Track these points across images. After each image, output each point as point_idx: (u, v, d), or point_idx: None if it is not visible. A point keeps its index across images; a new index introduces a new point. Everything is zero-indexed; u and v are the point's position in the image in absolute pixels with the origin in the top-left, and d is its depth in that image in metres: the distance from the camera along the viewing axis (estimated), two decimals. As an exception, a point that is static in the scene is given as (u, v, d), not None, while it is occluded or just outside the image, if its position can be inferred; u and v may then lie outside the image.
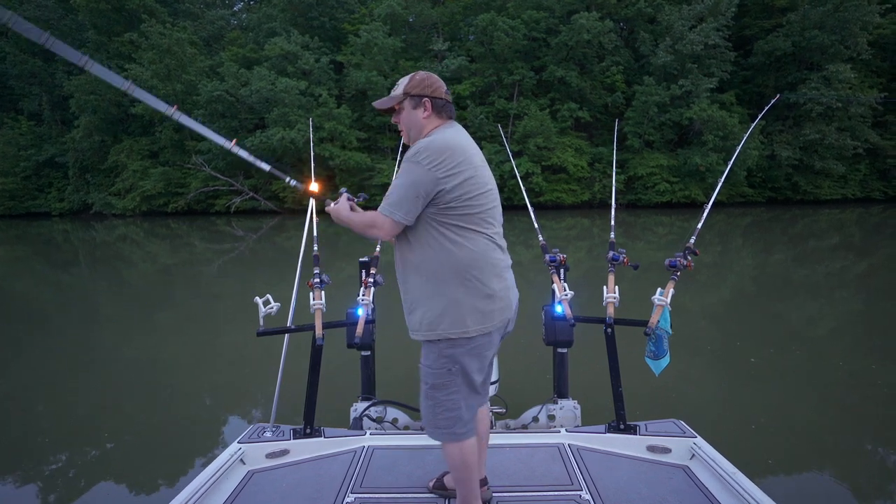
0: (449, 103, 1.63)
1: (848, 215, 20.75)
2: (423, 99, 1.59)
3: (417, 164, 1.46)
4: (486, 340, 1.54)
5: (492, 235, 1.56)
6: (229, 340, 5.64)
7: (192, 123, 1.68)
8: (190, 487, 1.74)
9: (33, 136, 34.54)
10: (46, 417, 3.81)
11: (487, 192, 1.55)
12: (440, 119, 1.62)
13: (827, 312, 6.46)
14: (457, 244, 1.50)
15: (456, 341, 1.51)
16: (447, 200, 1.47)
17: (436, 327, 1.51)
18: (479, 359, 1.56)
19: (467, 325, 1.50)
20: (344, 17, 31.41)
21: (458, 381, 1.54)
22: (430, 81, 1.61)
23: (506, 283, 1.60)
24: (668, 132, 26.58)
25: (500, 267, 1.58)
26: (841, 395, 3.88)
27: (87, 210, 32.70)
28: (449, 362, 1.53)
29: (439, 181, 1.45)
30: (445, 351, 1.52)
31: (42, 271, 12.12)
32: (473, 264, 1.51)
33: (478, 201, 1.51)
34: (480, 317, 1.51)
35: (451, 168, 1.46)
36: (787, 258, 10.75)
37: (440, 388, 1.55)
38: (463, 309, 1.49)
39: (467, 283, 1.50)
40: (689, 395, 3.87)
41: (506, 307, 1.58)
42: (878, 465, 2.91)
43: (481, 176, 1.54)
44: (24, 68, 34.16)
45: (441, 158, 1.45)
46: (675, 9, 26.42)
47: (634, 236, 14.91)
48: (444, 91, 1.62)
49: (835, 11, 24.89)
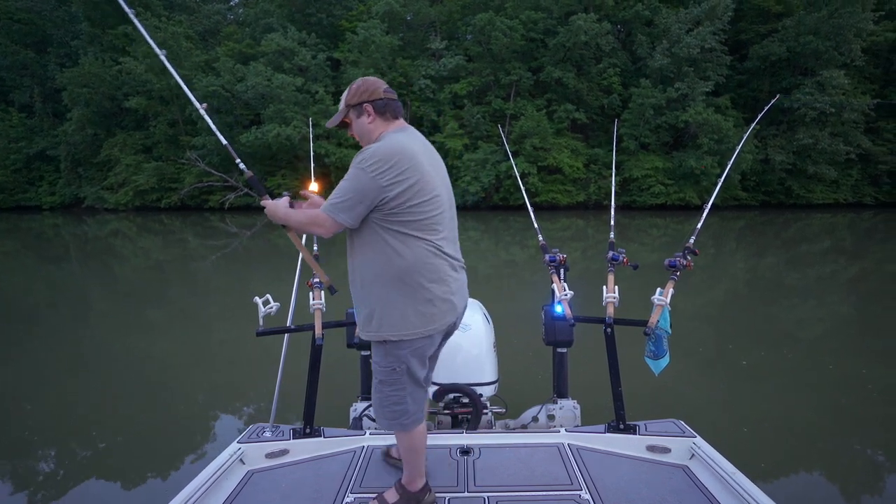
0: (391, 101, 1.66)
1: (840, 220, 20.98)
2: (363, 105, 1.64)
3: (363, 171, 1.50)
4: (426, 342, 1.62)
5: (435, 242, 1.59)
6: (227, 339, 5.61)
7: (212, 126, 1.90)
8: (189, 487, 1.73)
9: (24, 128, 34.10)
10: (42, 415, 3.76)
11: (432, 198, 1.57)
12: (386, 120, 1.66)
13: (818, 315, 6.52)
14: (398, 249, 1.54)
15: (398, 343, 1.58)
16: (390, 207, 1.51)
17: (378, 328, 1.58)
18: (421, 358, 1.65)
19: (407, 329, 1.57)
20: (341, 13, 31.29)
21: (403, 379, 1.64)
22: (367, 86, 1.65)
23: (449, 287, 1.63)
24: (664, 135, 26.73)
25: (442, 272, 1.61)
26: (834, 396, 3.92)
27: (78, 204, 32.35)
28: (395, 361, 1.61)
29: (383, 189, 1.49)
30: (391, 351, 1.61)
31: (32, 266, 11.97)
32: (413, 269, 1.55)
33: (421, 209, 1.54)
34: (420, 320, 1.57)
35: (396, 176, 1.49)
36: (779, 261, 10.85)
37: (387, 384, 1.65)
38: (403, 312, 1.56)
39: (407, 287, 1.56)
40: (689, 395, 3.90)
41: (448, 311, 1.64)
42: (872, 465, 2.95)
43: (428, 182, 1.56)
44: (16, 59, 33.75)
45: (387, 166, 1.48)
46: (672, 12, 26.57)
47: (629, 238, 14.99)
48: (382, 91, 1.65)
49: (829, 18, 25.13)
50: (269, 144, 25.38)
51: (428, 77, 27.71)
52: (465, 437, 2.21)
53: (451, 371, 2.54)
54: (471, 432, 2.26)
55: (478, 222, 20.58)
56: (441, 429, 2.53)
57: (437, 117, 28.24)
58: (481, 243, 14.33)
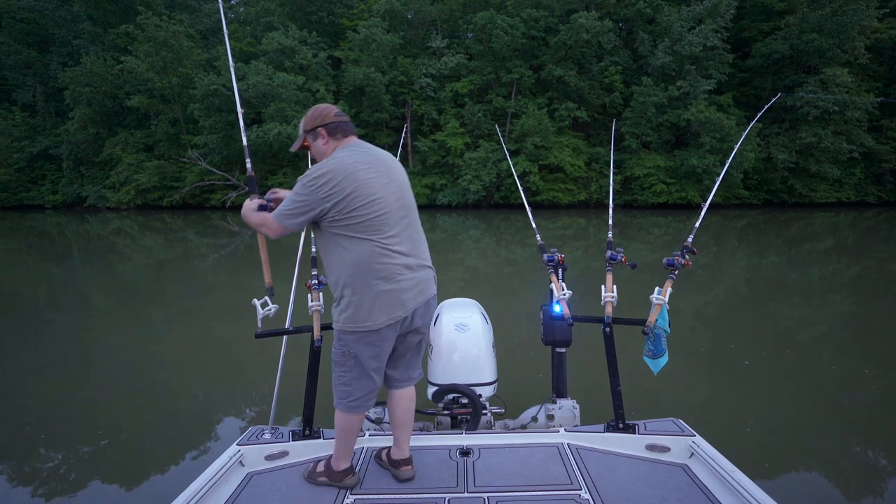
0: (342, 122, 1.88)
1: (842, 219, 20.89)
2: (317, 129, 1.87)
3: (305, 186, 1.73)
4: (375, 335, 1.77)
5: (382, 241, 1.76)
6: (227, 340, 5.59)
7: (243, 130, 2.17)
8: (189, 489, 1.73)
9: (27, 127, 34.19)
10: (40, 414, 3.77)
11: (372, 201, 1.74)
12: (337, 140, 1.87)
13: (820, 315, 6.50)
14: (347, 249, 1.75)
15: (349, 333, 1.78)
16: (332, 215, 1.73)
17: (336, 318, 1.82)
18: (372, 348, 1.80)
19: (355, 321, 1.76)
20: (342, 12, 31.27)
21: (350, 364, 1.83)
22: (318, 112, 1.89)
23: (399, 285, 1.77)
24: (666, 133, 26.65)
25: (390, 270, 1.76)
26: (834, 396, 3.91)
27: (80, 203, 32.43)
28: (343, 347, 1.82)
29: (321, 201, 1.71)
30: (341, 337, 1.82)
31: (35, 264, 12.01)
32: (359, 268, 1.74)
33: (361, 212, 1.73)
34: (366, 314, 1.74)
35: (331, 189, 1.70)
36: (781, 260, 10.81)
37: (338, 365, 1.86)
38: (351, 306, 1.76)
39: (355, 284, 1.75)
40: (688, 395, 3.89)
41: (395, 306, 1.77)
42: (872, 464, 2.95)
43: (366, 188, 1.74)
44: (19, 59, 33.81)
45: (323, 181, 1.71)
46: (674, 10, 26.47)
47: (630, 237, 14.95)
48: (333, 114, 1.88)
49: (833, 15, 25.00)
50: (271, 143, 25.39)
51: (429, 75, 27.68)
52: (465, 437, 2.21)
53: (449, 372, 2.54)
54: (470, 433, 2.26)
55: (479, 221, 20.55)
56: (440, 429, 2.53)
57: (437, 116, 28.21)
58: (482, 242, 14.32)
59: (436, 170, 27.97)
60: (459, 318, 2.66)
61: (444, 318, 2.68)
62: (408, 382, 2.01)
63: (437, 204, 27.03)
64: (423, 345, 2.02)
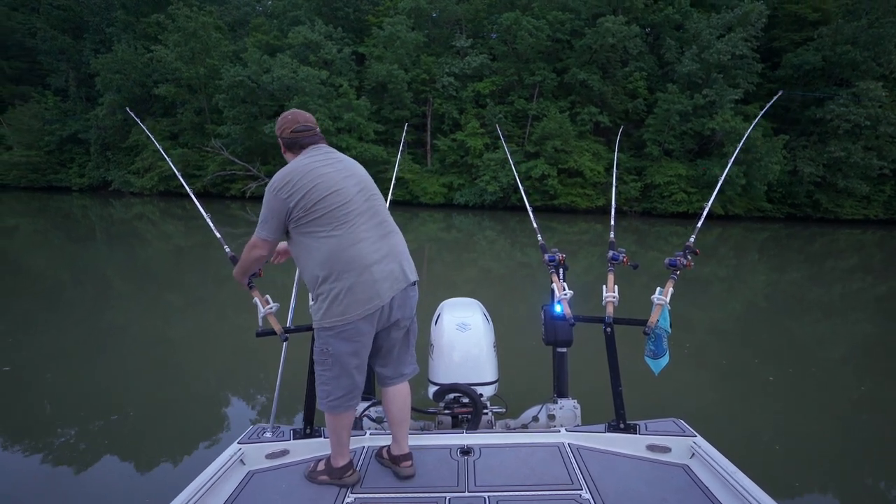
0: (297, 138, 1.90)
1: (869, 237, 20.32)
2: (279, 140, 1.96)
3: (269, 192, 1.81)
4: (351, 329, 1.77)
5: (346, 235, 1.78)
6: (237, 333, 5.60)
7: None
8: (190, 488, 1.74)
9: (59, 111, 35.12)
10: (52, 393, 3.85)
11: (334, 192, 1.79)
12: (294, 152, 1.93)
13: (839, 332, 6.34)
14: (316, 249, 1.78)
15: (327, 329, 1.79)
16: (296, 215, 1.78)
17: (314, 316, 1.84)
18: (350, 343, 1.80)
19: (329, 317, 1.77)
20: (368, 8, 31.44)
21: (329, 362, 1.83)
22: (281, 123, 1.94)
23: (372, 276, 1.78)
24: (689, 141, 26.21)
25: (359, 262, 1.77)
26: (836, 400, 3.92)
27: (105, 186, 33.20)
28: (322, 344, 1.83)
29: (285, 202, 1.78)
30: (319, 334, 1.84)
31: (61, 245, 12.36)
32: (329, 263, 1.76)
33: (322, 204, 1.77)
34: (342, 308, 1.75)
35: (291, 190, 1.77)
36: (802, 276, 10.56)
37: (318, 363, 1.88)
38: (326, 301, 1.77)
39: (325, 280, 1.77)
40: (688, 395, 3.86)
41: (371, 297, 1.77)
42: (873, 464, 2.94)
43: (327, 180, 1.80)
44: (54, 44, 34.77)
45: (282, 184, 1.78)
46: (703, 17, 25.99)
47: (648, 245, 14.77)
48: (290, 131, 1.91)
49: (869, 27, 24.30)
50: (292, 136, 25.63)
51: (451, 74, 27.67)
52: (466, 437, 2.21)
53: (451, 371, 2.54)
54: (471, 432, 2.26)
55: (495, 222, 20.50)
56: (441, 429, 2.53)
57: (458, 115, 28.20)
58: (497, 243, 14.28)
59: (454, 169, 27.93)
60: (461, 318, 2.66)
61: (446, 318, 2.68)
62: (400, 379, 2.00)
63: (455, 203, 27.03)
64: (410, 339, 2.01)
